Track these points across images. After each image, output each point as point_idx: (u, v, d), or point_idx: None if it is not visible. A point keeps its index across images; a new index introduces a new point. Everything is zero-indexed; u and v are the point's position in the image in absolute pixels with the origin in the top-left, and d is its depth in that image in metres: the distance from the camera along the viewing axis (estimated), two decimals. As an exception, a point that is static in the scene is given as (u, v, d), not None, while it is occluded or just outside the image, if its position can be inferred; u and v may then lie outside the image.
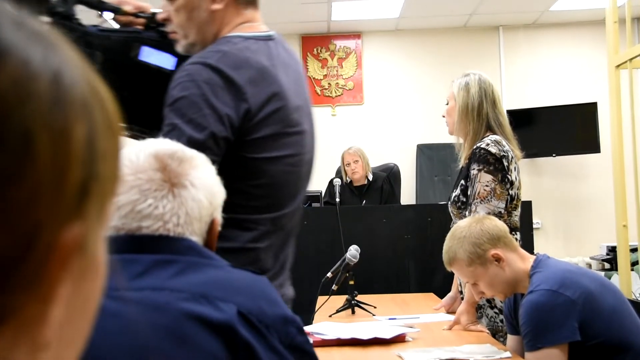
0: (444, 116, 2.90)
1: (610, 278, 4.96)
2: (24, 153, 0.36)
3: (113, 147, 0.43)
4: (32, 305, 0.38)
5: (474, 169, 2.66)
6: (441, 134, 2.93)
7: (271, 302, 1.04)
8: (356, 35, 7.01)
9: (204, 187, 1.09)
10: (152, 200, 1.05)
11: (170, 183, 1.06)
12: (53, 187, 0.37)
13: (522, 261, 2.19)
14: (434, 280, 3.99)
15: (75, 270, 0.40)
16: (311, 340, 2.21)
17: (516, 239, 2.56)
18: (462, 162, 2.81)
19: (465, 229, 2.22)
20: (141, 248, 1.03)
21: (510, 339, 2.36)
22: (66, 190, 0.38)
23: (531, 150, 5.95)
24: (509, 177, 2.65)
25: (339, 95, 6.99)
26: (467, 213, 2.68)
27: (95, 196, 0.40)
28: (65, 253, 0.39)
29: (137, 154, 1.07)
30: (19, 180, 0.36)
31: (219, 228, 1.14)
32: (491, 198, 2.61)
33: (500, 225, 2.25)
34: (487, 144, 2.66)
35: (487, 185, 2.62)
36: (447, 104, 2.86)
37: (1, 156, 0.35)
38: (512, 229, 2.62)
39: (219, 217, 1.14)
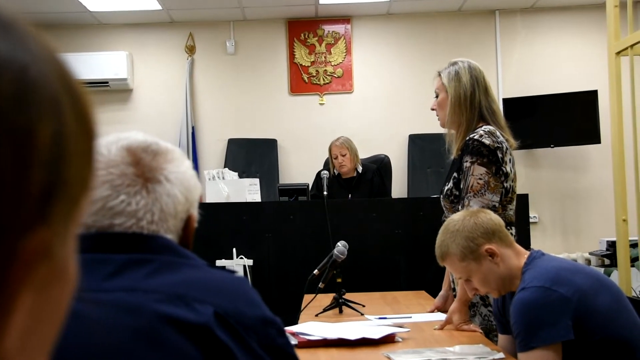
0: (433, 109, 2.83)
1: (609, 274, 4.88)
2: None
3: (85, 147, 0.41)
4: None
5: (466, 161, 2.61)
6: (434, 124, 2.89)
7: (250, 303, 1.02)
8: (345, 19, 6.90)
9: (180, 182, 1.07)
10: (125, 196, 1.02)
11: (144, 178, 1.04)
12: (13, 191, 0.36)
13: (517, 257, 2.15)
14: (426, 277, 3.93)
15: (40, 277, 0.39)
16: (296, 341, 2.16)
17: (512, 234, 2.52)
18: (454, 154, 2.75)
19: (458, 222, 2.17)
20: (113, 247, 1.00)
21: (501, 338, 2.32)
22: (28, 195, 0.37)
23: (528, 140, 5.84)
24: (504, 169, 2.60)
25: (328, 83, 6.89)
26: (460, 207, 2.63)
27: (62, 200, 0.39)
28: (28, 261, 0.38)
29: (108, 147, 1.05)
30: None
31: (195, 224, 1.12)
32: (485, 191, 2.56)
33: (495, 219, 2.20)
34: (481, 135, 2.60)
35: (480, 178, 2.57)
36: (437, 96, 2.79)
37: None
38: (508, 224, 2.56)
39: (195, 213, 1.12)
